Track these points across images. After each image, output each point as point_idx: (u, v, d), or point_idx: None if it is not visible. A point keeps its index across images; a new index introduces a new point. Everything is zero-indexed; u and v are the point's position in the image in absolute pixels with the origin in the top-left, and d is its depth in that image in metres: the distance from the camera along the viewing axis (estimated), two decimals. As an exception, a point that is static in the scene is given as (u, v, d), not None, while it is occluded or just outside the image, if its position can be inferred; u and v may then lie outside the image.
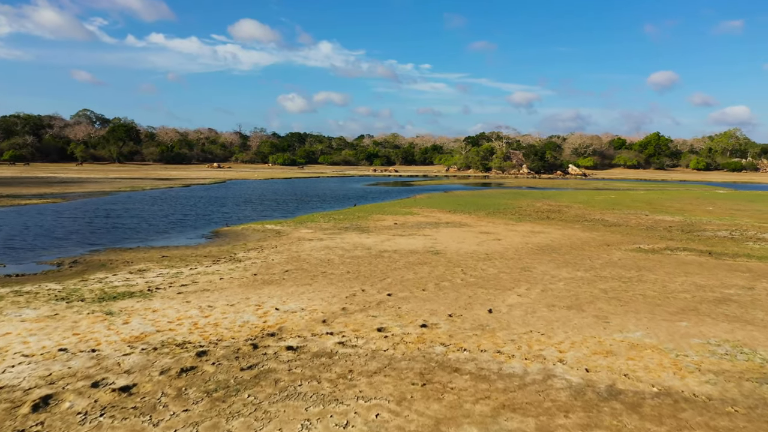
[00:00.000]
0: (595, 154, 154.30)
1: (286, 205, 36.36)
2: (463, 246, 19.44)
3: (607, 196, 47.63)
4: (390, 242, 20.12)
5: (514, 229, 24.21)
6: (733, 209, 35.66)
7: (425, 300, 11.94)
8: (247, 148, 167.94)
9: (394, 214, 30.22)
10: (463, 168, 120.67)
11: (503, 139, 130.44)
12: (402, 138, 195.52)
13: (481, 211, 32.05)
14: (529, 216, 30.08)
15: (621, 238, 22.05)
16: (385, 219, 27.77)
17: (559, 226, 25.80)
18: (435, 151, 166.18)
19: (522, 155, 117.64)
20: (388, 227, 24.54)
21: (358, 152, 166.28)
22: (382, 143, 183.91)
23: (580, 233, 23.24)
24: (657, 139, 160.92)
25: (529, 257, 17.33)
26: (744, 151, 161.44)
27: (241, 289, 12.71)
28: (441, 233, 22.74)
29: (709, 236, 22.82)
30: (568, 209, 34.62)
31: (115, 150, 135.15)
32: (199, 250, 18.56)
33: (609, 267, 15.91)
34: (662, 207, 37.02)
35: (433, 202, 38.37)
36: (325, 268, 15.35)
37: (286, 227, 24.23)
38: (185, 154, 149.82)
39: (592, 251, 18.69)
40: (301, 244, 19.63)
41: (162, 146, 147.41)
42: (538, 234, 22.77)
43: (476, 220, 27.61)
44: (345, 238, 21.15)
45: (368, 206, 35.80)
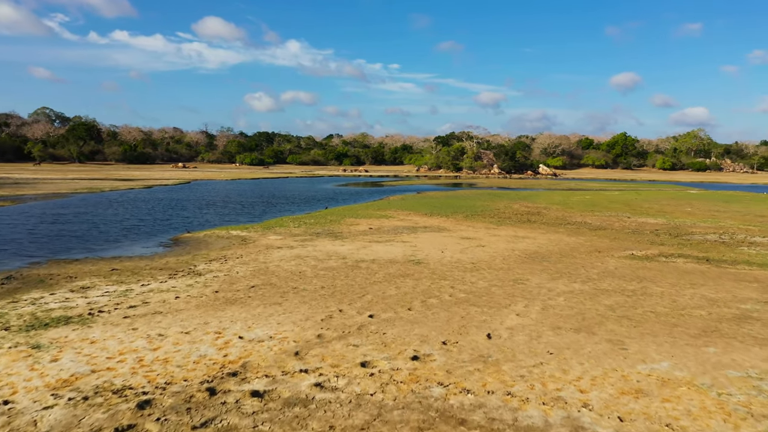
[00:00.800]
0: (563, 154, 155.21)
1: (253, 208, 34.45)
2: (446, 254, 17.97)
3: (583, 196, 46.85)
4: (367, 250, 18.53)
5: (497, 234, 22.85)
6: (712, 210, 35.04)
7: (413, 322, 10.39)
8: (213, 148, 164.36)
9: (369, 217, 28.64)
10: (433, 168, 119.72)
11: (474, 138, 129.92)
12: (371, 138, 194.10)
13: (459, 214, 30.68)
14: (509, 219, 28.81)
15: (610, 243, 20.87)
16: (359, 223, 26.16)
17: (542, 230, 24.55)
18: (405, 151, 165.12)
19: (493, 155, 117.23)
20: (364, 232, 22.95)
21: (327, 152, 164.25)
22: (351, 143, 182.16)
23: (566, 238, 22.00)
24: (624, 139, 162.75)
25: (520, 267, 15.93)
26: (707, 151, 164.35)
27: (200, 311, 10.98)
28: (420, 239, 21.24)
29: (699, 240, 21.81)
30: (547, 211, 33.51)
31: (76, 149, 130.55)
32: (155, 261, 16.68)
33: (607, 278, 14.60)
34: (641, 208, 36.22)
35: (408, 204, 36.91)
36: (296, 282, 13.69)
37: (253, 233, 22.44)
38: (149, 153, 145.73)
39: (584, 259, 17.41)
40: (270, 253, 17.91)
41: (125, 146, 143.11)
42: (522, 239, 21.45)
43: (455, 224, 26.21)
44: (317, 245, 19.50)
45: (340, 209, 34.14)
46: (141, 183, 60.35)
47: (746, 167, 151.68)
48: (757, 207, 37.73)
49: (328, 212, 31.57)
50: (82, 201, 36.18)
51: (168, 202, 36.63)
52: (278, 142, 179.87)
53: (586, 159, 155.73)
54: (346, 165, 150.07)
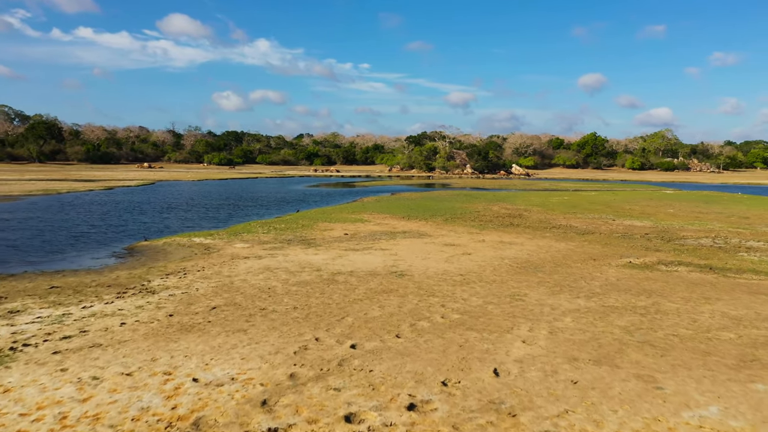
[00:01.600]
0: (535, 153, 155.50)
1: (219, 212, 32.37)
2: (431, 263, 16.39)
3: (561, 197, 45.84)
4: (343, 260, 16.84)
5: (482, 240, 21.38)
6: (695, 212, 34.21)
7: (403, 354, 8.76)
8: (180, 147, 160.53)
9: (343, 221, 26.92)
10: (406, 168, 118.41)
11: (446, 138, 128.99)
12: (342, 137, 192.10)
13: (438, 217, 29.17)
14: (491, 222, 27.40)
15: (603, 249, 19.55)
16: (333, 228, 24.43)
17: (528, 234, 23.17)
18: (376, 151, 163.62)
19: (465, 155, 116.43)
20: (339, 239, 21.24)
21: (298, 152, 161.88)
22: (322, 142, 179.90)
23: (555, 244, 20.63)
24: (594, 139, 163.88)
25: (514, 279, 14.43)
26: (675, 151, 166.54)
27: (148, 343, 9.17)
28: (400, 246, 19.63)
29: (694, 245, 20.65)
30: (528, 213, 32.23)
31: (35, 149, 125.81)
32: (104, 275, 14.73)
33: (612, 291, 13.18)
34: (623, 210, 35.23)
35: (383, 207, 35.28)
36: (265, 301, 11.94)
37: (218, 241, 20.55)
38: (113, 153, 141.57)
39: (580, 268, 16.00)
40: (235, 264, 16.08)
41: (88, 145, 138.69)
42: (509, 246, 20.00)
43: (435, 229, 24.66)
44: (289, 254, 17.73)
45: (312, 212, 32.34)
46: (102, 184, 57.55)
47: (712, 167, 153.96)
48: (737, 208, 37.09)
49: (300, 216, 29.76)
50: (32, 205, 33.58)
51: (126, 206, 34.27)
52: (247, 141, 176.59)
53: (557, 159, 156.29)
54: (317, 165, 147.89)
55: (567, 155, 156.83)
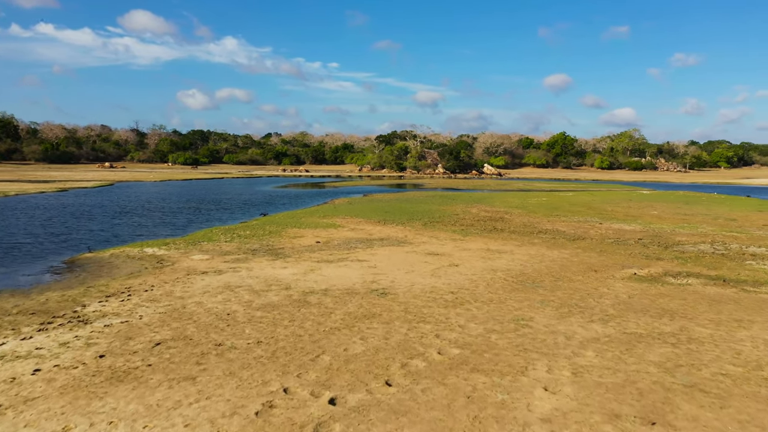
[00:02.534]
0: (505, 153, 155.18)
1: (179, 217, 29.82)
2: (416, 278, 14.45)
3: (539, 199, 44.44)
4: (316, 275, 14.79)
5: (467, 248, 19.54)
6: (679, 213, 33.02)
7: (397, 412, 6.80)
8: (144, 147, 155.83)
9: (314, 227, 24.82)
10: (376, 168, 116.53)
11: (417, 138, 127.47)
12: (311, 136, 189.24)
13: (416, 221, 27.27)
14: (473, 227, 25.61)
15: (600, 258, 17.88)
16: (304, 235, 22.33)
17: (515, 240, 21.43)
18: (346, 150, 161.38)
19: (437, 154, 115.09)
20: (310, 248, 19.16)
21: (266, 151, 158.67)
22: (290, 142, 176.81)
23: (547, 252, 18.90)
24: (563, 138, 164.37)
25: (512, 297, 12.58)
26: (642, 151, 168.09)
27: (64, 401, 7.03)
28: (379, 256, 17.66)
29: (694, 252, 19.15)
30: (509, 216, 30.58)
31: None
32: (31, 298, 12.41)
33: (628, 312, 11.43)
34: (605, 212, 33.88)
35: (356, 210, 33.25)
36: (222, 333, 9.84)
37: (174, 251, 18.28)
38: (73, 152, 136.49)
39: (583, 282, 14.25)
40: (191, 281, 13.90)
41: (46, 144, 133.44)
42: (499, 255, 18.19)
43: (415, 234, 22.76)
44: (253, 268, 15.60)
45: (281, 216, 30.12)
46: (56, 185, 54.20)
47: (679, 166, 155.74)
48: (719, 209, 36.11)
49: (267, 221, 27.55)
50: (-29, 209, 30.64)
51: (75, 210, 31.42)
52: (214, 140, 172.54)
53: (528, 158, 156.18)
54: (285, 165, 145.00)
55: (537, 155, 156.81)
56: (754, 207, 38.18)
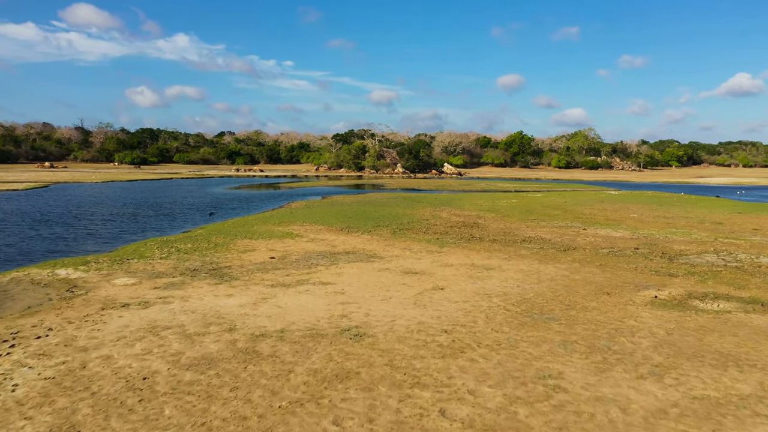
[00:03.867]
0: (464, 152, 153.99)
1: (109, 226, 25.59)
2: (396, 309, 11.53)
3: (509, 200, 42.11)
4: (270, 305, 11.70)
5: (448, 263, 16.73)
6: (659, 216, 31.08)
7: None
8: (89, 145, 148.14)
9: (268, 237, 21.61)
10: (334, 167, 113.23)
11: (375, 136, 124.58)
12: (266, 135, 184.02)
13: (383, 229, 24.35)
14: (449, 235, 22.85)
15: (605, 275, 15.32)
16: (255, 248, 19.13)
17: (500, 252, 18.75)
18: (302, 149, 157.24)
19: (396, 154, 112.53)
20: (263, 265, 16.00)
21: (219, 150, 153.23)
22: (244, 141, 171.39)
23: (542, 267, 16.26)
24: (521, 137, 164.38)
25: (524, 338, 9.79)
26: (597, 150, 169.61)
27: None
28: (347, 276, 14.66)
29: (704, 265, 16.83)
30: (484, 222, 27.97)
31: None
32: None
33: (679, 359, 8.78)
34: (583, 215, 31.68)
35: (316, 215, 30.11)
36: (128, 420, 6.70)
37: (92, 273, 14.85)
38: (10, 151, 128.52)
39: (601, 311, 11.59)
40: (104, 321, 10.63)
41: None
42: (488, 273, 15.44)
43: (385, 246, 19.83)
44: (190, 297, 12.39)
45: (230, 223, 26.73)
46: (-19, 188, 49.09)
47: (634, 165, 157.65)
48: (698, 211, 34.44)
49: (214, 230, 24.17)
50: None
51: (-8, 217, 27.32)
52: (164, 139, 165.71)
53: (486, 157, 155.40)
54: (239, 164, 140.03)
55: (495, 154, 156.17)
56: (729, 208, 36.73)
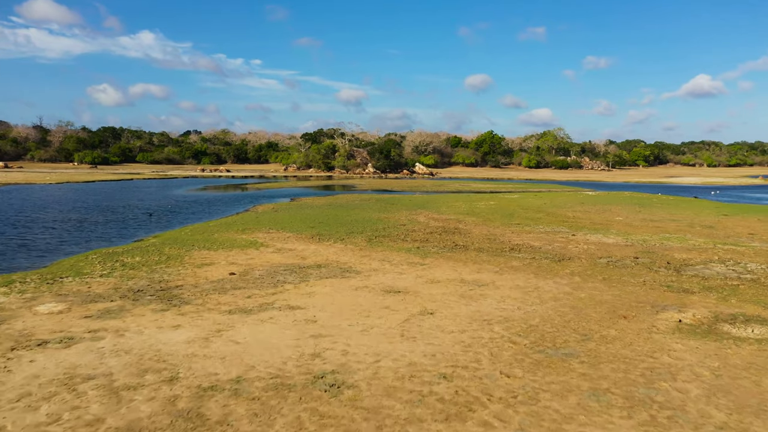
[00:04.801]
0: (434, 152, 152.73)
1: (47, 235, 22.43)
2: (380, 343, 9.47)
3: (487, 202, 40.36)
4: (224, 341, 9.52)
5: (434, 278, 14.73)
6: (646, 220, 29.63)
7: None
8: (47, 145, 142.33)
9: (230, 246, 19.32)
10: (303, 167, 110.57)
11: (345, 136, 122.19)
12: (233, 134, 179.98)
13: (358, 236, 22.26)
14: (430, 243, 20.87)
15: (612, 291, 13.50)
16: (214, 260, 16.84)
17: (491, 264, 16.82)
18: (270, 149, 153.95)
19: (366, 153, 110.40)
20: (220, 285, 13.77)
21: (184, 149, 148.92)
22: (211, 140, 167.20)
23: (539, 282, 14.37)
24: (491, 137, 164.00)
25: (542, 385, 7.81)
26: (567, 150, 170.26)
27: None
28: (319, 297, 12.54)
29: (719, 279, 15.16)
30: (465, 227, 26.07)
31: None
32: None
33: (744, 414, 6.93)
34: (567, 218, 30.06)
35: (283, 220, 27.84)
36: None
37: (14, 297, 12.42)
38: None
39: (624, 342, 9.71)
40: (9, 368, 8.31)
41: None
42: (480, 290, 13.48)
43: (361, 257, 17.74)
44: (128, 329, 10.12)
45: (188, 230, 24.30)
46: None
47: (603, 165, 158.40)
48: (683, 213, 33.19)
49: (170, 238, 21.76)
50: None
51: None
52: (127, 138, 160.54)
53: (457, 157, 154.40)
54: (205, 164, 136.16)
55: (466, 154, 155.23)
56: (713, 210, 35.61)
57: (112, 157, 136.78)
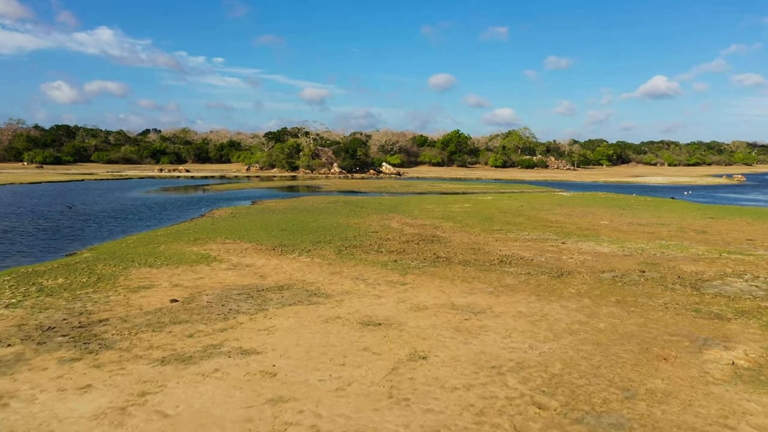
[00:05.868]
0: (401, 151, 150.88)
1: None
2: (363, 414, 7.00)
3: (461, 205, 38.14)
4: (147, 414, 6.90)
5: (421, 303, 12.29)
6: (633, 224, 27.79)
7: None
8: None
9: (176, 262, 16.53)
10: (266, 167, 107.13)
11: (310, 135, 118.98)
12: (194, 133, 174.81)
13: (326, 246, 19.70)
14: (407, 254, 18.44)
15: (634, 319, 11.28)
16: (154, 282, 14.07)
17: (482, 282, 14.47)
18: (232, 148, 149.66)
19: (332, 153, 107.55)
20: (156, 318, 11.05)
21: (142, 149, 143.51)
22: (171, 139, 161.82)
23: (545, 307, 12.07)
24: (457, 136, 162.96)
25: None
26: (532, 149, 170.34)
27: None
28: (280, 336, 9.96)
29: (744, 297, 13.11)
30: (443, 233, 23.74)
31: None
32: None
33: None
34: (549, 223, 28.02)
35: (242, 227, 25.06)
36: None
37: None
38: None
39: (680, 399, 7.45)
40: None
41: None
42: (478, 320, 11.09)
43: (331, 274, 15.20)
44: (14, 398, 7.40)
45: (131, 241, 21.35)
46: None
47: (568, 164, 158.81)
48: (667, 216, 31.55)
49: (107, 251, 18.83)
50: None
51: None
52: (82, 137, 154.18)
53: (423, 156, 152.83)
54: (164, 164, 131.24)
55: (432, 153, 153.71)
56: (695, 212, 34.11)
57: (65, 157, 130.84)
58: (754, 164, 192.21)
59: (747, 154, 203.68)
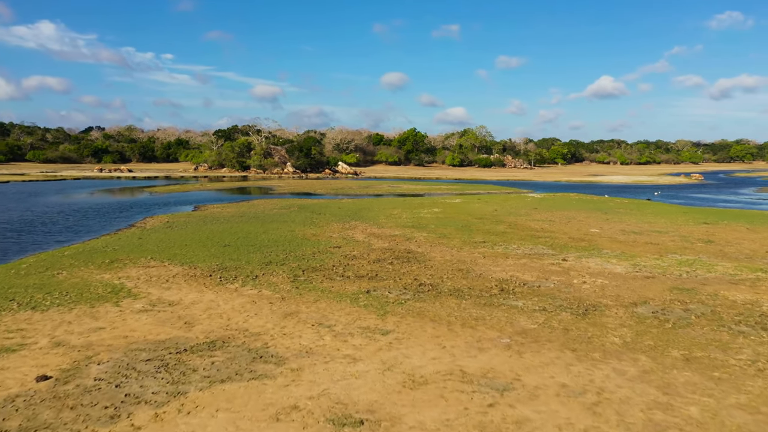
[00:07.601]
0: (356, 150, 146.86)
1: None
2: None
3: (431, 210, 34.40)
4: None
5: (417, 375, 8.46)
6: (630, 233, 24.65)
7: None
8: None
9: (72, 302, 12.21)
10: (215, 166, 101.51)
11: (262, 133, 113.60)
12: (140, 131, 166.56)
13: (279, 270, 15.64)
14: (382, 280, 14.56)
15: (736, 398, 7.74)
16: (26, 340, 9.79)
17: (488, 327, 10.74)
18: (180, 146, 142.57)
19: (285, 151, 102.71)
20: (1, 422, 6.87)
21: (82, 147, 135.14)
22: (114, 137, 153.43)
23: (595, 375, 8.42)
24: (414, 135, 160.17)
25: None
26: (489, 148, 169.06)
27: None
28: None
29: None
30: (419, 248, 19.97)
31: None
32: None
33: None
34: (534, 231, 24.60)
35: (176, 241, 20.70)
36: None
37: None
38: None
39: None
40: None
41: None
42: (511, 411, 7.33)
43: (285, 319, 11.19)
44: None
45: (24, 265, 16.75)
46: None
47: (525, 163, 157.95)
48: (659, 222, 28.66)
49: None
50: None
51: None
52: (16, 134, 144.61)
53: (380, 155, 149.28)
54: (105, 163, 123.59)
55: (389, 152, 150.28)
56: (685, 216, 31.37)
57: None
58: (701, 163, 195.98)
59: (694, 153, 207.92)
